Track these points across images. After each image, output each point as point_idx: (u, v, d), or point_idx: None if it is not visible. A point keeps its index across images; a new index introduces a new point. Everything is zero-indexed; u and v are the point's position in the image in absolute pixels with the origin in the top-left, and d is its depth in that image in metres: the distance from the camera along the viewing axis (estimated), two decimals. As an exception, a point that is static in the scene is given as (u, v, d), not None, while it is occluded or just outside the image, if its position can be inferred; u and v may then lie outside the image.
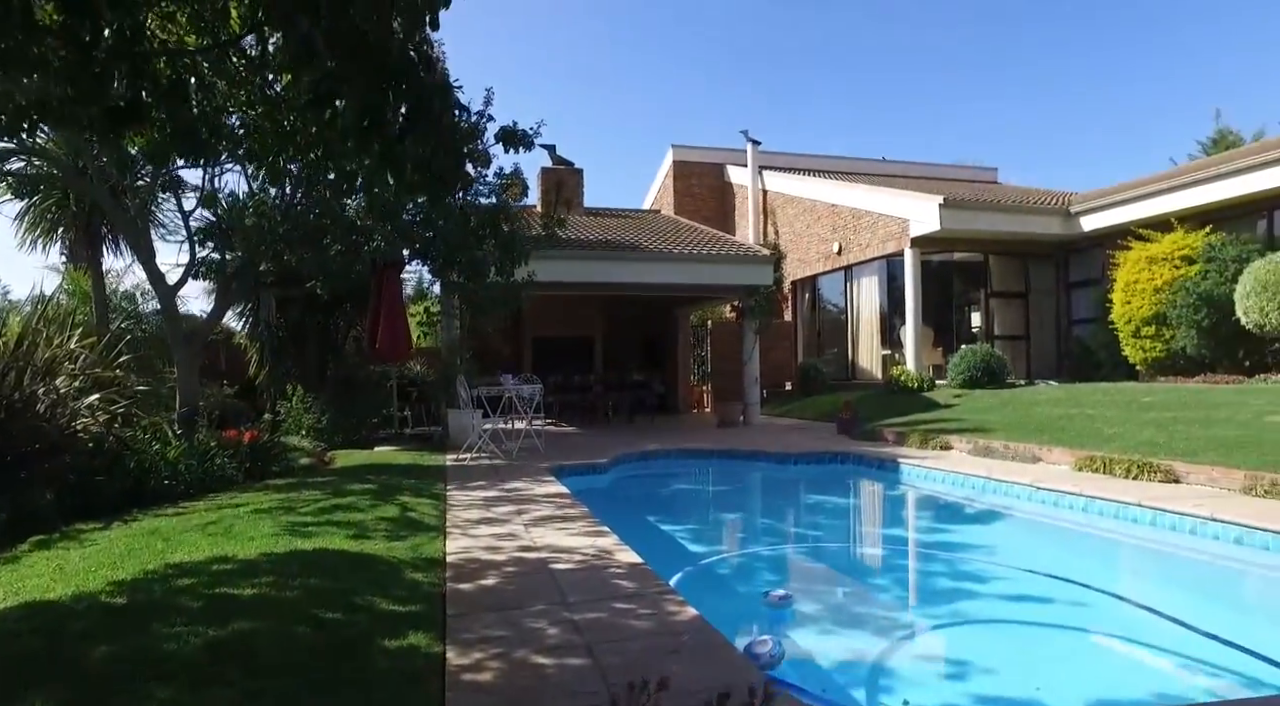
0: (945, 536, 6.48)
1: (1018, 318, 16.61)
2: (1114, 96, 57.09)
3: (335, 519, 5.41)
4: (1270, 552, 4.86)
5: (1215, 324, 11.53)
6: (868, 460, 9.28)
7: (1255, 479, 6.12)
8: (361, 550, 4.45)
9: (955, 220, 14.35)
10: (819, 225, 18.71)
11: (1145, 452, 7.39)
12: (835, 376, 18.13)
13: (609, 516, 6.03)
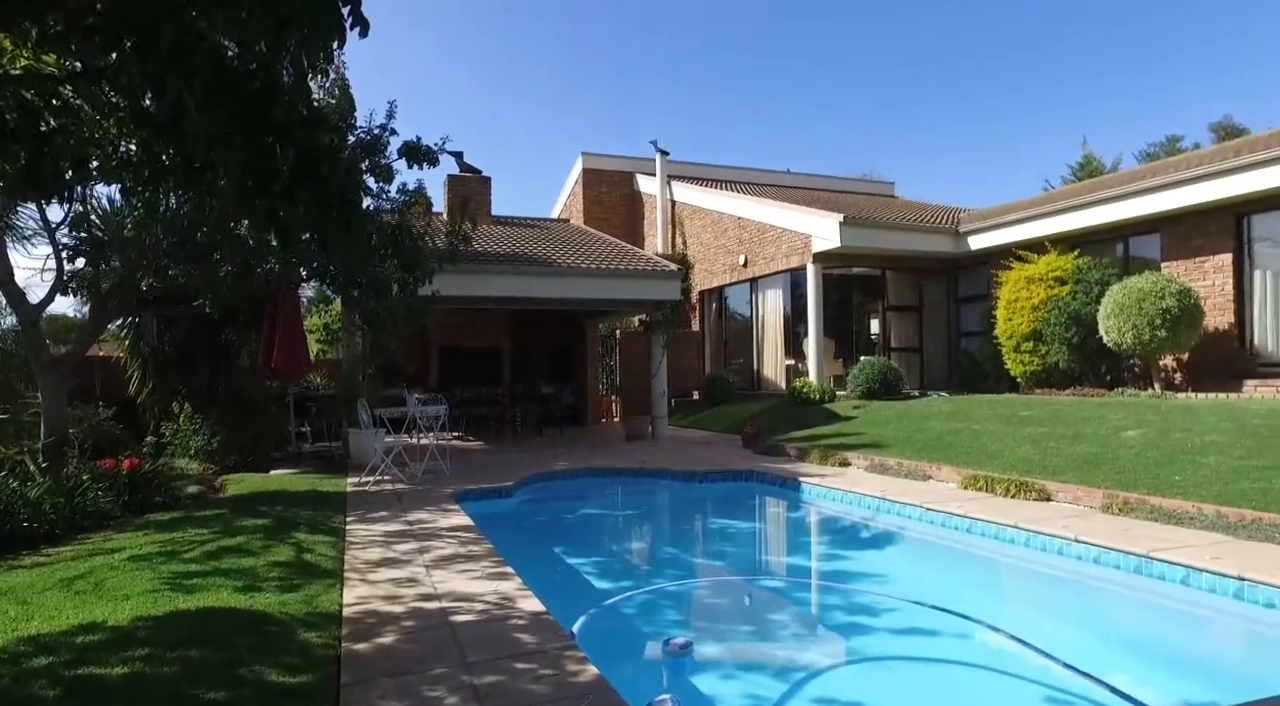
0: (843, 564, 6.73)
1: (912, 330, 17.45)
2: (999, 118, 60.79)
3: (224, 565, 5.15)
4: (1120, 571, 5.31)
5: (1083, 341, 12.44)
6: (771, 478, 9.53)
7: (1111, 497, 6.67)
8: (251, 606, 4.26)
9: (854, 237, 14.94)
10: (726, 238, 19.10)
11: (1022, 471, 7.92)
12: (741, 386, 18.55)
13: (513, 550, 5.98)
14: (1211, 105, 55.93)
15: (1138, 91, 52.81)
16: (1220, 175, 11.50)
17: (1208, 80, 49.16)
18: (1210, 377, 11.68)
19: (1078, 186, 18.53)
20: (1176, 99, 50.56)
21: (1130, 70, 53.02)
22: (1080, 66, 55.58)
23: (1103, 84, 54.58)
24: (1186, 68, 50.66)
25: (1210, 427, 8.38)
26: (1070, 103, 56.34)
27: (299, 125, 2.69)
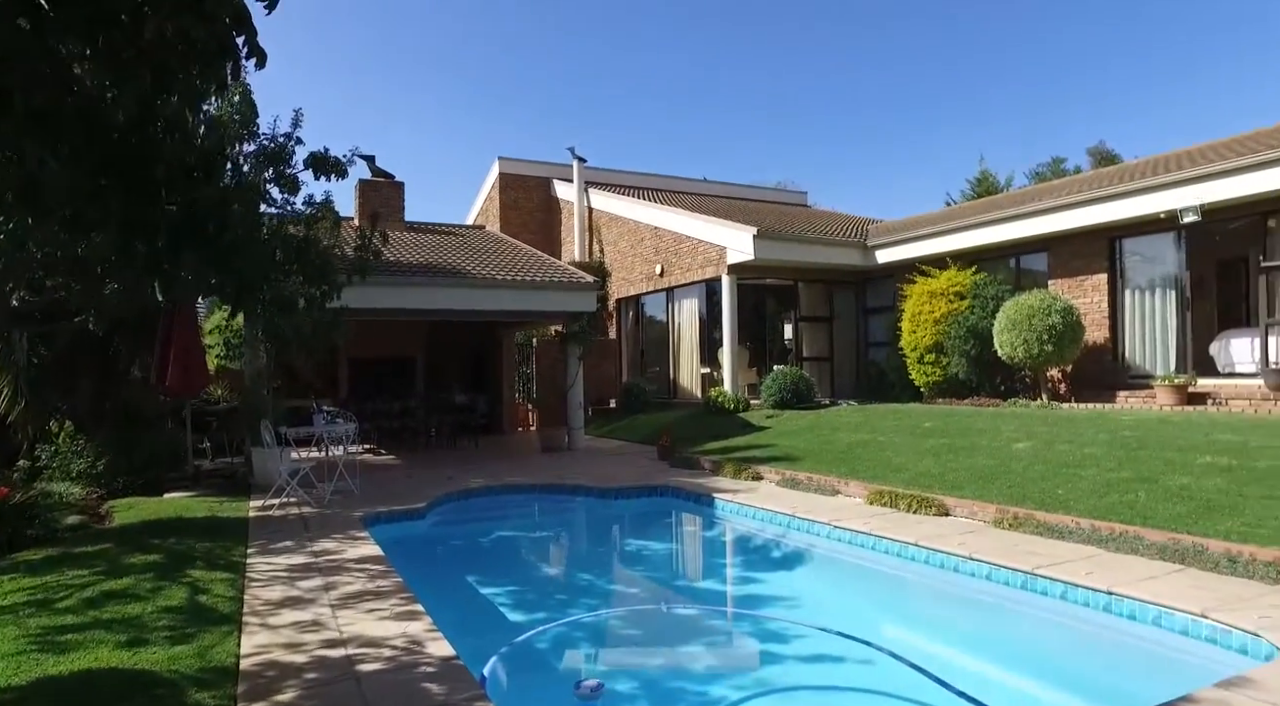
0: (755, 587, 6.85)
1: (823, 340, 17.99)
2: (907, 130, 63.42)
3: (106, 615, 4.82)
4: (1009, 587, 5.63)
5: (980, 353, 13.13)
6: (686, 494, 9.64)
7: (1003, 512, 7.06)
8: (136, 664, 4.01)
9: (767, 250, 15.29)
10: (643, 246, 19.22)
11: (924, 486, 8.28)
12: (658, 394, 18.71)
13: (425, 581, 5.85)
14: (1090, 128, 60.06)
15: (1029, 111, 56.12)
16: (1095, 202, 12.37)
17: (1088, 104, 52.72)
18: (1089, 388, 12.53)
19: (975, 205, 19.54)
20: (1062, 120, 53.99)
21: (1023, 91, 56.28)
22: (978, 85, 58.61)
23: (997, 103, 57.74)
24: (1071, 91, 54.18)
25: (1089, 440, 8.99)
26: (970, 119, 59.34)
27: (183, 178, 2.54)
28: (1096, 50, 52.77)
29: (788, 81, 67.41)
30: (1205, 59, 49.62)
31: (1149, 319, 12.52)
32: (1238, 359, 11.56)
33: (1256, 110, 47.60)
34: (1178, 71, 51.01)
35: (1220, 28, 48.54)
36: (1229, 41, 48.59)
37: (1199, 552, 5.59)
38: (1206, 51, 49.42)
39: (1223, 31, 48.57)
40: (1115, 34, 51.95)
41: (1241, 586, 5.07)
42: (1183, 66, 50.66)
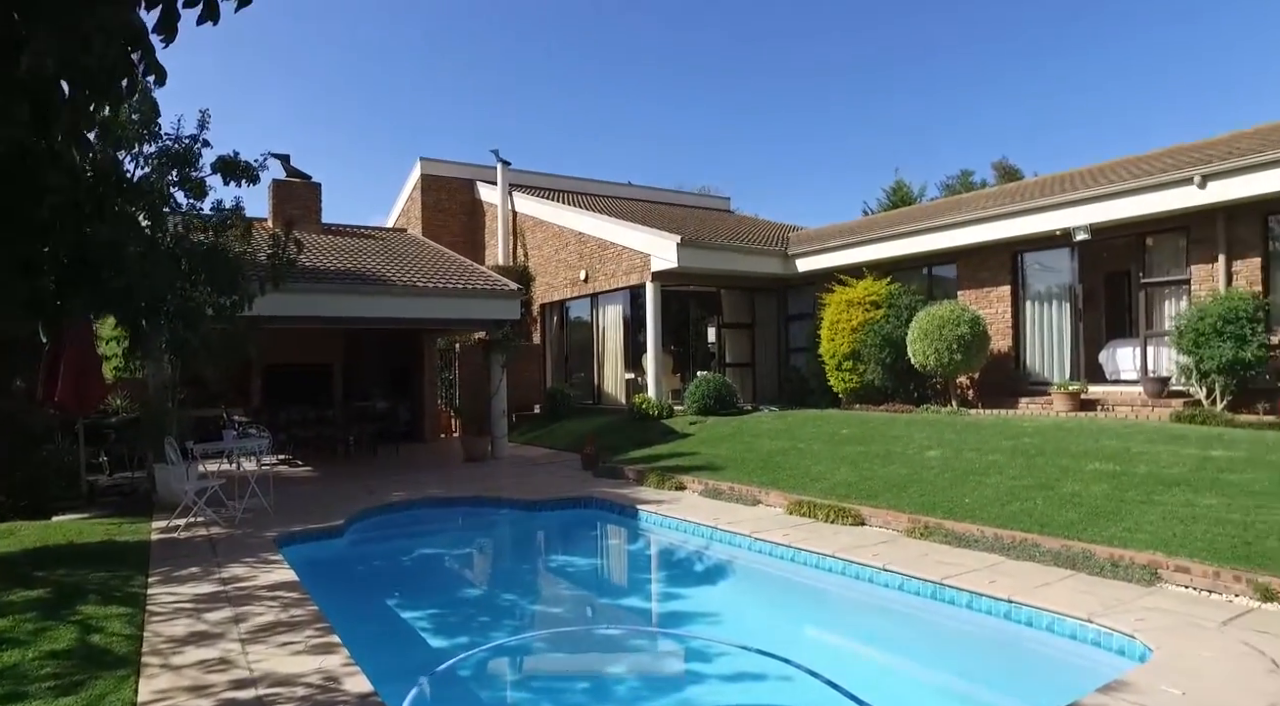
0: (679, 603, 6.92)
1: (745, 346, 18.34)
2: (828, 138, 65.20)
3: (-19, 664, 4.49)
4: (920, 597, 5.88)
5: (894, 361, 13.64)
6: (610, 505, 9.67)
7: (915, 521, 7.37)
8: (20, 719, 3.77)
9: (691, 258, 15.47)
10: (567, 252, 19.16)
11: (841, 495, 8.56)
12: (583, 400, 18.70)
13: (343, 607, 5.70)
14: (996, 143, 63.11)
15: (941, 123, 58.55)
16: (998, 219, 13.03)
17: (996, 116, 55.38)
18: (995, 394, 13.18)
19: (890, 216, 20.24)
20: (970, 133, 56.52)
21: (936, 103, 58.69)
22: (897, 96, 60.81)
23: (912, 115, 60.05)
24: (981, 105, 56.80)
25: (993, 446, 9.46)
26: (886, 129, 61.48)
27: (70, 216, 2.40)
28: (1000, 69, 55.53)
29: (711, 87, 68.42)
30: (1099, 79, 52.88)
31: (1047, 329, 13.28)
32: (1122, 367, 12.38)
33: (1146, 130, 51.04)
34: (1074, 91, 54.17)
35: (1111, 52, 51.84)
36: (1120, 64, 51.92)
37: (1087, 558, 5.97)
38: (1099, 72, 52.66)
39: (1114, 55, 51.89)
40: (1014, 56, 54.82)
41: (1122, 589, 5.45)
42: (1079, 87, 53.83)
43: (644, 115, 71.43)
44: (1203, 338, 10.34)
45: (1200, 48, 49.96)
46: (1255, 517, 6.19)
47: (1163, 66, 51.30)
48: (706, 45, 66.02)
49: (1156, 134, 50.83)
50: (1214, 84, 50.17)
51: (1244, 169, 10.19)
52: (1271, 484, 6.89)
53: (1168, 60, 50.92)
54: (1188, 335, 10.55)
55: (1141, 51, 51.24)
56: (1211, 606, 5.12)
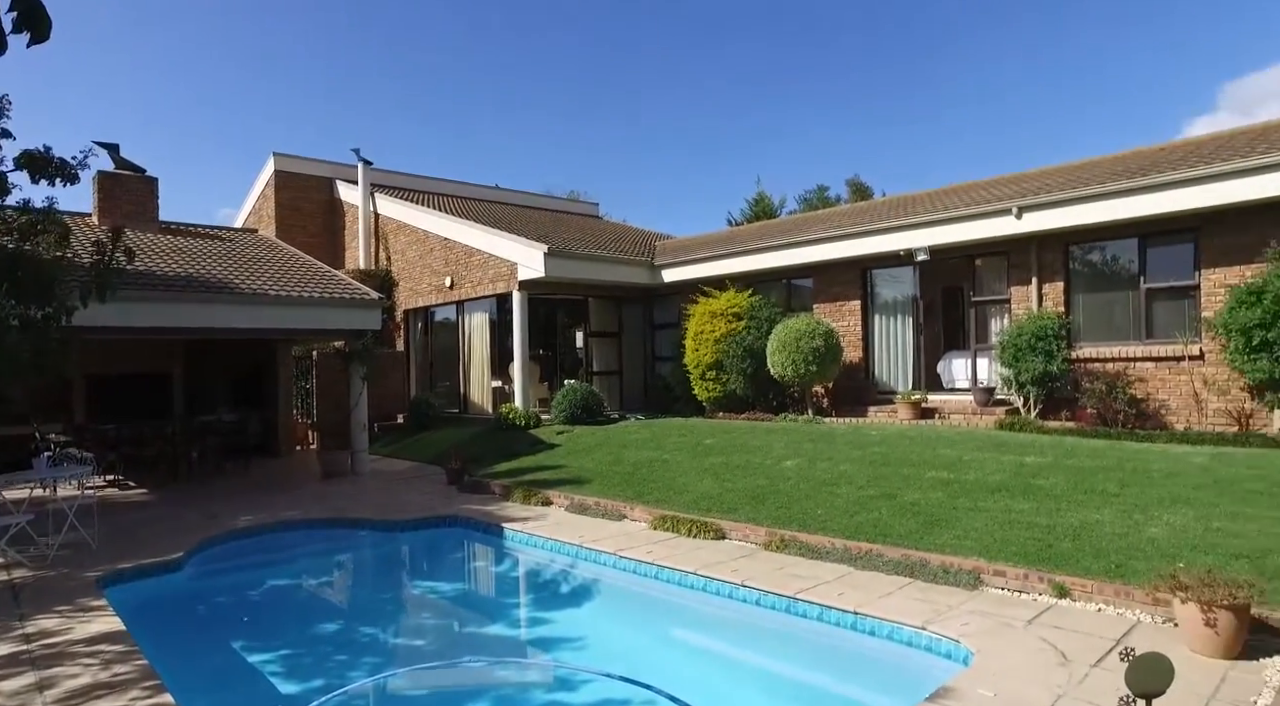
0: (544, 628, 6.87)
1: (612, 354, 18.52)
2: (696, 147, 66.89)
3: None
4: (776, 612, 6.19)
5: (755, 371, 14.23)
6: (475, 523, 9.52)
7: (772, 534, 7.73)
8: None
9: (558, 268, 15.45)
10: (432, 257, 18.64)
11: (703, 508, 8.83)
12: (449, 409, 18.26)
13: (181, 656, 5.32)
14: (848, 161, 67.17)
15: (798, 139, 61.50)
16: (849, 237, 13.88)
17: (848, 135, 58.86)
18: (847, 403, 14.03)
19: (752, 230, 21.05)
20: (825, 149, 59.74)
21: (791, 119, 61.57)
22: (756, 109, 63.29)
23: (774, 126, 62.72)
24: (834, 124, 60.16)
25: (844, 456, 10.08)
26: (750, 138, 63.82)
27: None
28: (852, 92, 59.07)
29: (577, 91, 68.57)
30: (944, 106, 57.37)
31: (893, 341, 14.28)
32: (957, 377, 13.52)
33: (983, 154, 55.87)
34: (922, 118, 58.46)
35: (958, 80, 56.40)
36: (966, 91, 56.58)
37: (923, 566, 6.50)
38: (946, 99, 57.14)
39: (964, 84, 56.47)
40: (863, 82, 58.54)
41: (951, 595, 5.98)
42: (927, 113, 58.16)
43: (514, 120, 70.65)
44: (1020, 352, 11.49)
45: (1037, 82, 55.31)
46: (1055, 520, 6.96)
47: (1000, 96, 56.34)
48: (578, 52, 66.16)
49: (992, 161, 55.78)
50: (1050, 112, 55.66)
51: (1051, 203, 11.40)
52: (1069, 487, 7.77)
53: (1006, 91, 55.98)
54: (1008, 349, 11.69)
55: (985, 83, 56.09)
56: (1021, 606, 5.71)
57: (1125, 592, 5.57)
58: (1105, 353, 11.45)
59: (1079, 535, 6.57)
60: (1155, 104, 52.96)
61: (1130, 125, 52.63)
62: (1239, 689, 4.25)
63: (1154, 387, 11.01)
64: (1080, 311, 11.97)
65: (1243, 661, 4.60)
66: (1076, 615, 5.49)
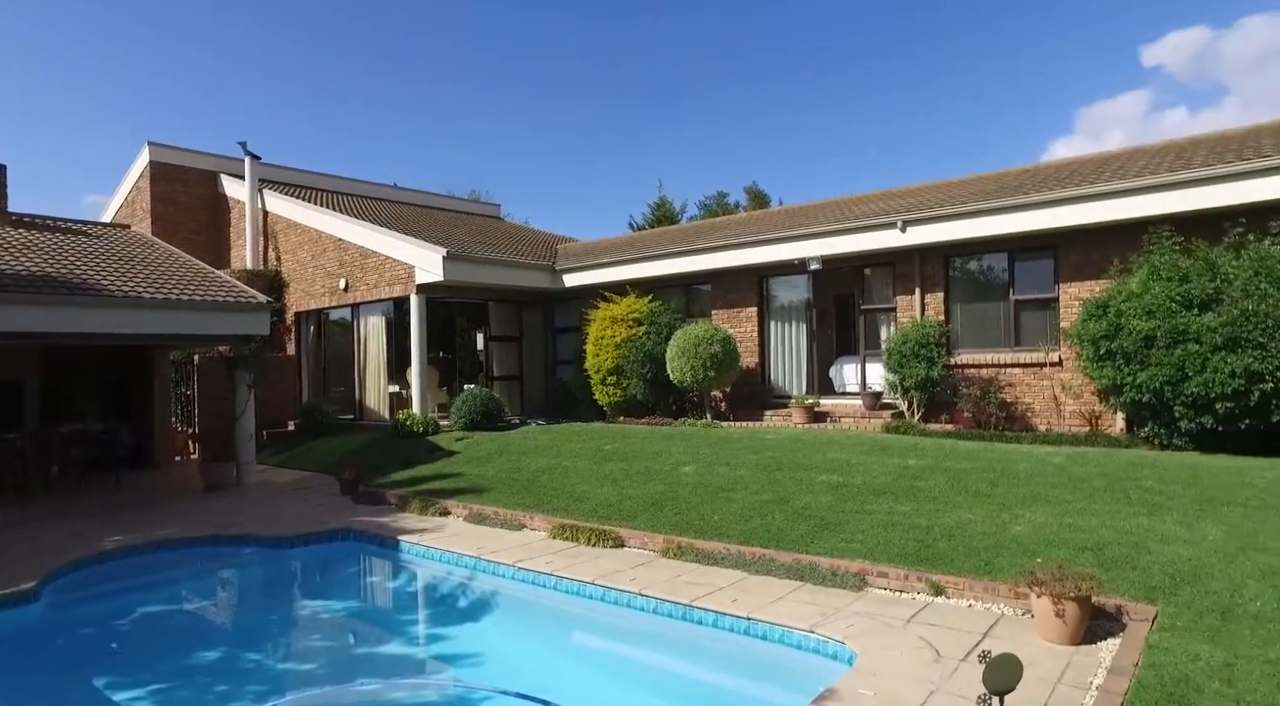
0: (443, 645, 6.73)
1: (513, 358, 18.36)
2: (597, 150, 66.96)
3: None
4: (673, 619, 6.32)
5: (655, 376, 14.44)
6: (370, 537, 9.26)
7: (669, 542, 7.88)
8: None
9: (458, 272, 15.20)
10: (325, 258, 17.94)
11: (602, 516, 8.90)
12: (343, 414, 17.65)
13: (35, 697, 4.91)
14: (748, 167, 68.90)
15: (699, 146, 62.64)
16: (747, 246, 14.31)
17: (749, 143, 60.41)
18: (745, 407, 14.44)
19: (653, 235, 21.32)
20: (726, 155, 61.11)
21: (693, 127, 62.67)
22: (659, 117, 64.02)
23: (675, 133, 63.63)
24: (736, 132, 61.63)
25: (741, 461, 10.37)
26: (653, 144, 64.51)
27: None
28: (754, 102, 60.70)
29: (479, 90, 67.46)
30: (846, 119, 59.71)
31: (788, 346, 14.80)
32: (847, 381, 14.17)
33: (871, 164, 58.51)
34: (820, 129, 60.62)
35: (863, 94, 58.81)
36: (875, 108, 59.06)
37: (813, 569, 6.79)
38: (856, 112, 59.48)
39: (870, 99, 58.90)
40: (771, 91, 60.30)
41: (838, 597, 6.28)
42: (827, 125, 60.36)
43: (413, 120, 68.77)
44: (905, 358, 12.15)
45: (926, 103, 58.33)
46: (933, 521, 7.42)
47: (890, 114, 59.13)
48: (480, 51, 65.05)
49: (886, 172, 58.49)
50: (933, 128, 58.77)
51: (931, 219, 12.13)
52: (946, 489, 8.30)
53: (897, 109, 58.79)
54: (894, 356, 12.34)
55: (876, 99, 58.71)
56: (901, 605, 6.06)
57: (992, 588, 6.00)
58: (980, 359, 12.27)
59: (954, 535, 7.02)
60: (1022, 126, 57.20)
61: (1003, 143, 56.49)
62: (1080, 671, 4.67)
63: (1021, 392, 11.89)
64: (959, 320, 12.77)
65: (1085, 646, 5.05)
66: (950, 612, 5.88)
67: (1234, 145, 11.10)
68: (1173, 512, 7.01)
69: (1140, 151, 12.87)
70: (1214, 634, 4.79)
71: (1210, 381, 8.73)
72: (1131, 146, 13.74)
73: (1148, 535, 6.52)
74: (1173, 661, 4.48)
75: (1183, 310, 9.17)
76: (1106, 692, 4.27)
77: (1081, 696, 4.32)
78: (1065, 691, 4.40)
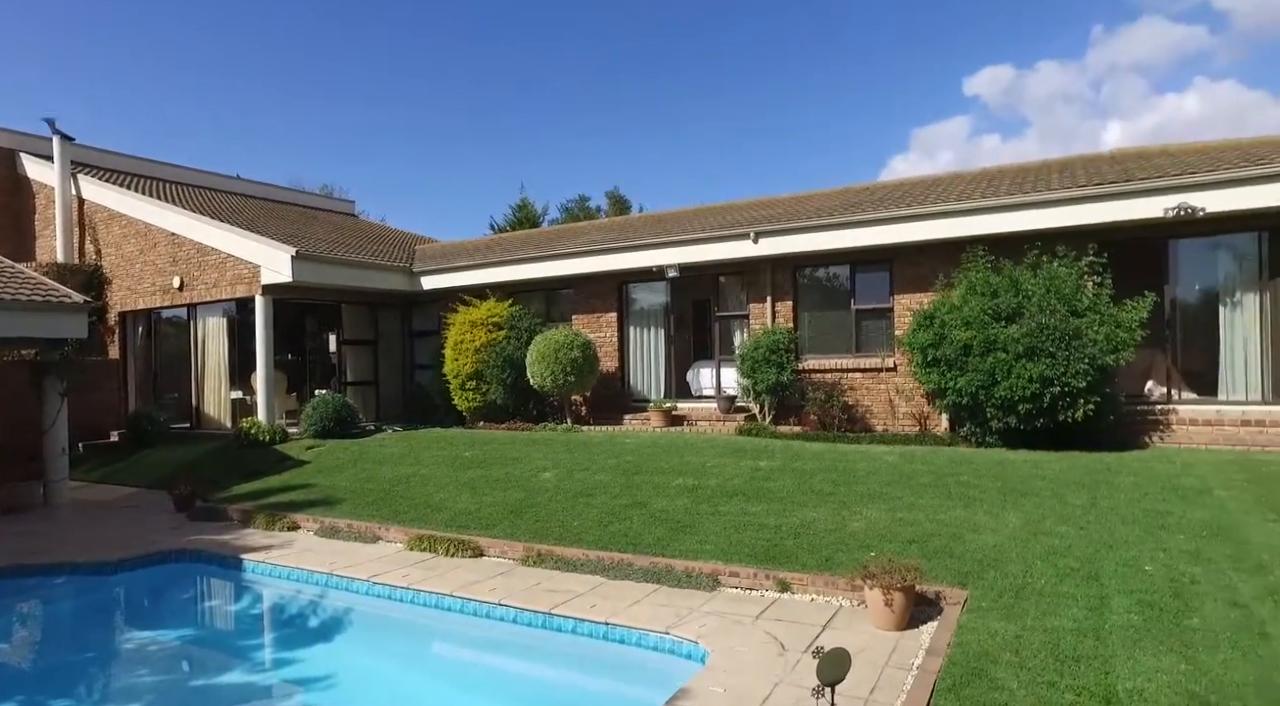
0: (292, 670, 6.37)
1: (368, 363, 17.67)
2: (459, 149, 65.38)
3: None
4: (533, 628, 6.35)
5: (515, 381, 14.38)
6: (209, 557, 8.66)
7: (529, 549, 7.92)
8: None
9: (309, 272, 14.47)
10: (156, 254, 16.49)
11: (461, 526, 8.80)
12: (177, 423, 16.33)
13: None
14: (611, 173, 69.75)
15: (562, 149, 62.71)
16: (607, 252, 14.56)
17: (611, 147, 61.12)
18: (604, 411, 14.67)
19: (514, 238, 21.16)
20: (587, 160, 61.58)
21: (556, 130, 62.66)
22: (521, 115, 63.47)
23: (538, 137, 63.38)
24: (599, 136, 62.13)
25: (600, 466, 10.55)
26: (515, 152, 63.86)
27: None
28: (617, 107, 61.46)
29: (339, 86, 64.18)
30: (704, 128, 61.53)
31: (647, 351, 15.18)
32: (704, 385, 14.72)
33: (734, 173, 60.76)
34: (682, 136, 62.21)
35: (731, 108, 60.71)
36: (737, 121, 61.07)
37: (669, 572, 7.05)
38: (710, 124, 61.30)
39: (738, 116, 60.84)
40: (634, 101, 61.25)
41: (693, 598, 6.56)
42: (684, 129, 61.98)
43: (257, 109, 64.26)
44: (757, 364, 12.79)
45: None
46: (782, 520, 7.91)
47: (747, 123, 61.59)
48: (337, 41, 61.77)
49: (739, 182, 60.91)
50: (785, 141, 61.71)
51: (782, 231, 12.87)
52: (794, 489, 8.86)
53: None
54: (747, 361, 12.96)
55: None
56: (751, 603, 6.43)
57: (832, 583, 6.49)
58: (826, 364, 13.13)
59: (799, 533, 7.50)
60: (863, 143, 61.61)
61: (850, 155, 60.45)
62: (904, 654, 5.17)
63: (861, 395, 12.83)
64: (807, 327, 13.60)
65: (910, 630, 5.58)
66: (795, 607, 6.30)
67: (1031, 177, 12.55)
68: (983, 504, 7.85)
69: (959, 177, 14.25)
70: (1008, 611, 5.45)
71: (1014, 386, 9.82)
72: (954, 171, 15.19)
73: (963, 526, 7.27)
74: (976, 638, 5.05)
75: (993, 322, 10.26)
76: (924, 672, 4.76)
77: (904, 676, 4.79)
78: (891, 673, 4.86)
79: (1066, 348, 9.66)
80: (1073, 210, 10.75)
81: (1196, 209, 10.03)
